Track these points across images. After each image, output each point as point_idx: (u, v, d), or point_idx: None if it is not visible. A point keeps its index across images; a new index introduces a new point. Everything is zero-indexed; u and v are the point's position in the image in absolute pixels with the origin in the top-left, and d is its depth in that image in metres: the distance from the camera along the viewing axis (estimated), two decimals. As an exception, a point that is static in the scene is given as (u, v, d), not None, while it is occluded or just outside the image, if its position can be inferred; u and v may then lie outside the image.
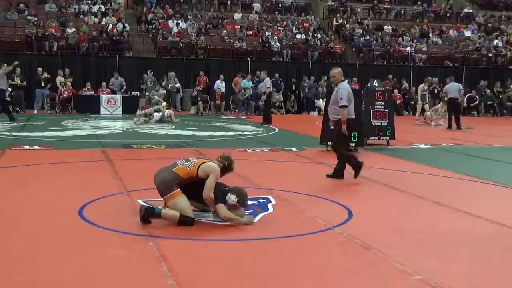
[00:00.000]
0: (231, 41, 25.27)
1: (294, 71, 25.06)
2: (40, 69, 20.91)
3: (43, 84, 20.84)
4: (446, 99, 17.81)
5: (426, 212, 6.42)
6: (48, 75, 21.01)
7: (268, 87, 18.27)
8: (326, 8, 31.52)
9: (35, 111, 20.44)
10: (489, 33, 30.46)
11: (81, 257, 4.56)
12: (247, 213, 6.07)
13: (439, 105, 19.77)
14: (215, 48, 24.85)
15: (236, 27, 26.84)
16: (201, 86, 22.67)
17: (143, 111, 17.84)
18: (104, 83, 21.80)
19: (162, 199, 5.65)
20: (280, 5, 30.91)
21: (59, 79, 21.10)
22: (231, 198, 5.66)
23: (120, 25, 24.81)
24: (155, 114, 17.47)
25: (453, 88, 17.38)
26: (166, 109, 18.17)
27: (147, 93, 21.85)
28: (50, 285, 4.02)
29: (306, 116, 22.81)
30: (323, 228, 5.61)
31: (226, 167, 5.82)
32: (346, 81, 8.72)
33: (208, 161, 5.75)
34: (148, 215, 5.48)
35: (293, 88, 24.19)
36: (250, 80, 22.83)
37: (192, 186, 5.64)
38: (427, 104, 19.61)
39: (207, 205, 5.82)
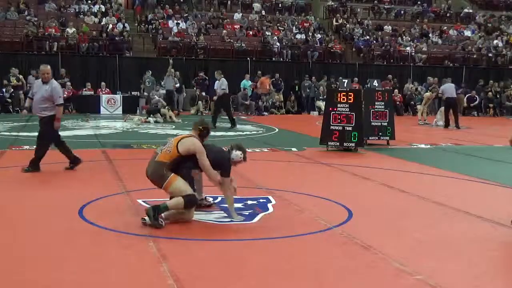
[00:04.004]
0: (231, 41, 25.26)
1: (294, 71, 25.06)
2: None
3: None
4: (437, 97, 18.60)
5: (426, 212, 6.42)
6: None
7: (223, 89, 16.51)
8: (326, 8, 31.50)
9: None
10: (489, 33, 30.47)
11: (81, 257, 4.56)
12: (247, 213, 6.08)
13: (427, 94, 20.36)
14: (215, 48, 24.84)
15: (236, 27, 26.82)
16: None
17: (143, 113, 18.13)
18: (103, 83, 21.82)
19: (161, 191, 5.71)
20: (280, 5, 30.88)
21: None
22: (238, 154, 5.81)
23: (120, 25, 24.80)
24: (150, 119, 17.64)
25: (451, 89, 17.87)
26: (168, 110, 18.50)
27: (145, 93, 21.88)
28: (50, 285, 4.02)
29: (306, 116, 22.80)
30: (323, 228, 5.61)
31: (203, 131, 5.81)
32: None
33: (185, 136, 5.69)
34: (157, 213, 5.35)
35: (296, 89, 24.14)
36: (249, 80, 22.91)
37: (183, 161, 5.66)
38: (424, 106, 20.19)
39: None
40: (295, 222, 5.83)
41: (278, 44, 25.53)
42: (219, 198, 6.45)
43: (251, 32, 26.63)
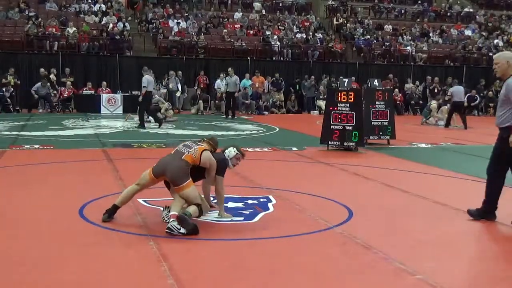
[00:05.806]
0: (232, 40, 25.27)
1: (295, 70, 25.06)
2: (52, 69, 21.02)
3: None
4: (445, 99, 18.33)
5: (426, 212, 6.42)
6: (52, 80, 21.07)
7: (144, 86, 15.13)
8: (326, 8, 31.51)
9: (40, 110, 20.55)
10: (489, 32, 30.45)
11: (81, 257, 4.56)
12: (248, 212, 6.08)
13: (434, 103, 20.08)
14: (215, 48, 24.85)
15: (236, 26, 26.82)
16: (201, 86, 22.71)
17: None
18: (104, 83, 21.82)
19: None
20: (280, 4, 30.90)
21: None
22: (231, 150, 5.87)
23: (120, 24, 24.81)
24: (150, 118, 17.65)
25: (460, 93, 17.92)
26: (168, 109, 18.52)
27: None
28: (50, 285, 4.02)
29: (306, 115, 22.80)
30: (323, 228, 5.60)
31: (215, 146, 5.97)
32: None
33: (205, 148, 5.71)
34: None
35: (296, 88, 24.14)
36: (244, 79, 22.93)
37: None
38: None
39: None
40: (295, 222, 5.83)
41: (278, 43, 25.53)
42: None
43: (251, 32, 26.63)
